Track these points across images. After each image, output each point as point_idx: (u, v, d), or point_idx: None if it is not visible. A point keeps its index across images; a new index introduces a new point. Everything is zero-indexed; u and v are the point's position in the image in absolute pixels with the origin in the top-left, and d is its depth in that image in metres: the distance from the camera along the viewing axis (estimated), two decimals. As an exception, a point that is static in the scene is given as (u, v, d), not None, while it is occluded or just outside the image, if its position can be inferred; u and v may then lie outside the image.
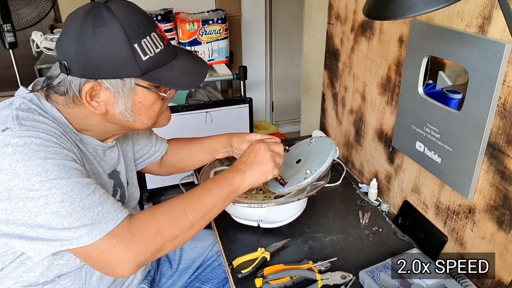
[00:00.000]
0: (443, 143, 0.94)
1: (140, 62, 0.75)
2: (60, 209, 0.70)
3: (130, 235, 0.74)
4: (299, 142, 1.23)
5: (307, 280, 0.93)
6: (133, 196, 1.05)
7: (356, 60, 1.33)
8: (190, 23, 2.27)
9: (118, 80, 0.76)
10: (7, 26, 2.19)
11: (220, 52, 2.41)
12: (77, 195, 0.71)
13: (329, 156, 1.05)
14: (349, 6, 1.32)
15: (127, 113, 0.81)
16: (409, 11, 0.56)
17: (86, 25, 0.73)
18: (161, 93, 0.83)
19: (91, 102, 0.78)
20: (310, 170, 1.04)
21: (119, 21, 0.73)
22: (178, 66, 0.82)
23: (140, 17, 0.77)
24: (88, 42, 0.73)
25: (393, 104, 1.15)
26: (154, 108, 0.84)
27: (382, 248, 1.06)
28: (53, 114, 0.80)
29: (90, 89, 0.76)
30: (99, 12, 0.73)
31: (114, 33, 0.73)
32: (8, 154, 0.68)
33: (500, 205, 0.85)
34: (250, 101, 2.36)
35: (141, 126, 0.86)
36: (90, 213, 0.72)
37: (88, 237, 0.71)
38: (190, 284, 1.19)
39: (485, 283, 0.92)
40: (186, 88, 0.85)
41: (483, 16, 0.81)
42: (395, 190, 1.22)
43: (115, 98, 0.78)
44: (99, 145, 0.89)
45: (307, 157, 1.13)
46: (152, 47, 0.77)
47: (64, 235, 0.71)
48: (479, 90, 0.82)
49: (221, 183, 0.89)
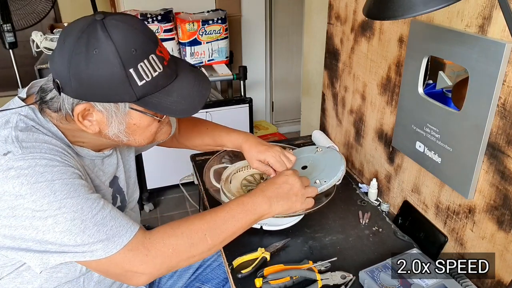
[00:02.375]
0: (443, 143, 0.94)
1: (135, 87, 0.71)
2: (71, 227, 0.69)
3: (146, 250, 0.74)
4: (303, 147, 1.21)
5: (307, 280, 0.93)
6: (133, 196, 1.05)
7: (356, 60, 1.33)
8: (190, 23, 2.27)
9: (111, 104, 0.74)
10: (7, 26, 2.19)
11: (220, 52, 2.41)
12: (88, 212, 0.71)
13: (339, 171, 1.05)
14: (349, 6, 1.32)
15: (121, 134, 0.79)
16: (409, 11, 0.56)
17: (80, 46, 0.69)
18: (156, 117, 0.80)
19: (83, 121, 0.76)
20: (320, 181, 1.03)
21: (114, 44, 0.69)
22: (176, 90, 0.77)
23: (139, 38, 0.72)
24: (81, 65, 0.69)
25: (393, 104, 1.15)
26: (150, 129, 0.81)
27: (382, 248, 1.06)
28: (49, 129, 0.78)
29: (83, 110, 0.74)
30: (94, 31, 0.69)
31: (108, 57, 0.69)
32: (11, 178, 0.67)
33: (500, 205, 0.85)
34: (250, 101, 2.36)
35: (136, 145, 0.84)
36: (103, 228, 0.71)
37: (103, 251, 0.71)
38: (190, 284, 1.19)
39: (485, 283, 0.92)
40: (184, 115, 0.79)
41: (483, 16, 0.81)
42: (395, 190, 1.22)
43: (108, 121, 0.76)
44: (96, 156, 0.87)
45: (315, 166, 1.12)
46: (150, 71, 0.72)
47: (76, 250, 0.70)
48: (479, 90, 0.82)
49: (247, 210, 0.85)
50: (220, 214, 0.82)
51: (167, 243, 0.76)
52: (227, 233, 0.82)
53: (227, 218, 0.82)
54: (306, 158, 1.17)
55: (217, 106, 2.29)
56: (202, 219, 0.80)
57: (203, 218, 0.81)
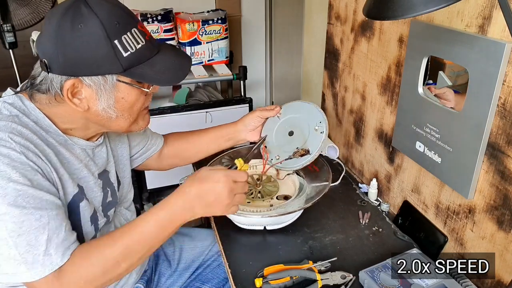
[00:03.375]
0: (443, 143, 0.94)
1: (121, 58, 0.74)
2: (7, 238, 0.69)
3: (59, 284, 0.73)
4: (291, 102, 1.17)
5: (307, 280, 0.93)
6: (127, 196, 1.05)
7: (356, 60, 1.33)
8: (190, 23, 2.27)
9: (99, 77, 0.76)
10: (7, 26, 2.19)
11: (220, 52, 2.41)
12: (27, 227, 0.70)
13: (322, 139, 1.10)
14: (349, 6, 1.32)
15: (110, 110, 0.80)
16: (409, 11, 0.56)
17: (65, 22, 0.72)
18: (144, 88, 0.82)
19: (72, 99, 0.77)
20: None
21: (98, 18, 0.72)
22: (160, 62, 0.80)
23: (121, 13, 0.76)
24: (67, 39, 0.72)
25: (393, 104, 1.15)
26: (138, 104, 0.83)
27: (382, 248, 1.06)
28: (36, 115, 0.79)
29: (71, 86, 0.75)
30: (78, 8, 0.72)
31: (93, 30, 0.72)
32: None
33: (500, 205, 0.85)
34: (250, 101, 2.36)
35: (123, 122, 0.84)
36: (33, 250, 0.71)
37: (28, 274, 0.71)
38: (190, 284, 1.19)
39: (485, 283, 0.92)
40: (169, 83, 0.83)
41: (483, 16, 0.81)
42: (395, 190, 1.22)
43: (97, 95, 0.77)
44: (87, 145, 0.88)
45: (300, 132, 1.14)
46: (133, 43, 0.76)
47: (7, 267, 0.71)
48: (479, 90, 0.82)
49: (164, 226, 0.80)
50: (134, 237, 0.78)
51: (78, 276, 0.74)
52: (141, 252, 0.79)
53: (141, 240, 0.78)
54: (291, 119, 1.15)
55: (217, 106, 2.29)
56: (113, 245, 0.77)
57: (114, 245, 0.77)
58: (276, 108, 1.13)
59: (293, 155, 1.12)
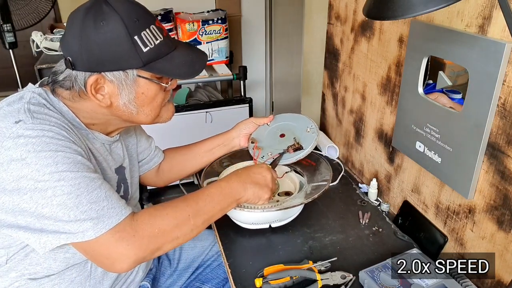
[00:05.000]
0: (443, 143, 0.94)
1: (141, 53, 0.78)
2: (66, 201, 0.71)
3: (133, 231, 0.76)
4: (284, 114, 1.27)
5: (307, 280, 0.93)
6: (134, 195, 1.06)
7: (356, 60, 1.33)
8: (190, 23, 2.27)
9: (120, 72, 0.79)
10: (7, 26, 2.19)
11: (220, 52, 2.41)
12: (84, 189, 0.73)
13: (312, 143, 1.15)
14: (349, 6, 1.32)
15: (130, 105, 0.84)
16: (409, 11, 0.56)
17: (88, 20, 0.76)
18: (163, 84, 0.86)
19: (96, 95, 0.81)
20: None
21: (119, 15, 0.76)
22: (178, 56, 0.84)
23: (139, 11, 0.80)
24: (91, 37, 0.76)
25: (393, 104, 1.15)
26: (157, 99, 0.87)
27: (382, 248, 1.06)
28: (60, 108, 0.82)
29: (95, 82, 0.79)
30: (99, 7, 0.76)
31: (115, 26, 0.76)
32: (20, 145, 0.70)
33: (500, 205, 0.85)
34: (250, 101, 2.36)
35: (144, 118, 0.88)
36: (95, 206, 0.73)
37: (93, 231, 0.72)
38: (190, 283, 1.19)
39: (485, 283, 0.92)
40: (188, 77, 0.87)
41: (483, 16, 0.81)
42: (395, 190, 1.22)
43: (118, 90, 0.81)
44: (106, 140, 0.91)
45: (292, 134, 1.20)
46: (152, 39, 0.80)
47: (69, 228, 0.72)
48: (479, 90, 0.82)
49: (225, 194, 0.91)
50: (201, 197, 0.87)
51: (152, 223, 0.78)
52: (208, 214, 0.87)
53: (208, 201, 0.87)
54: (285, 126, 1.23)
55: (217, 106, 2.29)
56: (185, 201, 0.85)
57: (186, 201, 0.85)
58: (270, 116, 1.22)
59: (287, 150, 1.16)
